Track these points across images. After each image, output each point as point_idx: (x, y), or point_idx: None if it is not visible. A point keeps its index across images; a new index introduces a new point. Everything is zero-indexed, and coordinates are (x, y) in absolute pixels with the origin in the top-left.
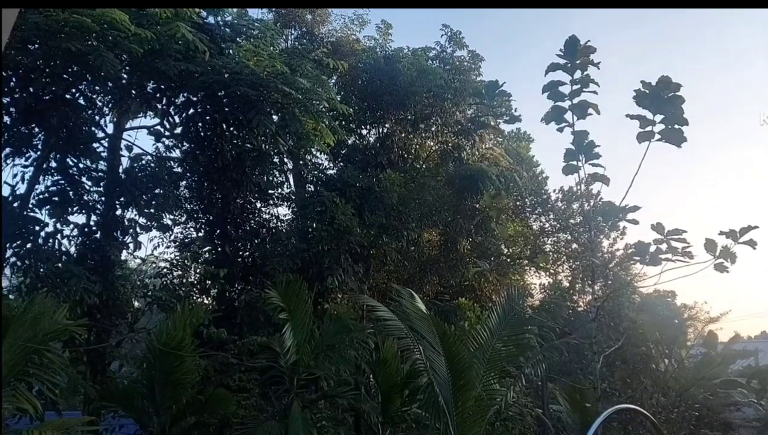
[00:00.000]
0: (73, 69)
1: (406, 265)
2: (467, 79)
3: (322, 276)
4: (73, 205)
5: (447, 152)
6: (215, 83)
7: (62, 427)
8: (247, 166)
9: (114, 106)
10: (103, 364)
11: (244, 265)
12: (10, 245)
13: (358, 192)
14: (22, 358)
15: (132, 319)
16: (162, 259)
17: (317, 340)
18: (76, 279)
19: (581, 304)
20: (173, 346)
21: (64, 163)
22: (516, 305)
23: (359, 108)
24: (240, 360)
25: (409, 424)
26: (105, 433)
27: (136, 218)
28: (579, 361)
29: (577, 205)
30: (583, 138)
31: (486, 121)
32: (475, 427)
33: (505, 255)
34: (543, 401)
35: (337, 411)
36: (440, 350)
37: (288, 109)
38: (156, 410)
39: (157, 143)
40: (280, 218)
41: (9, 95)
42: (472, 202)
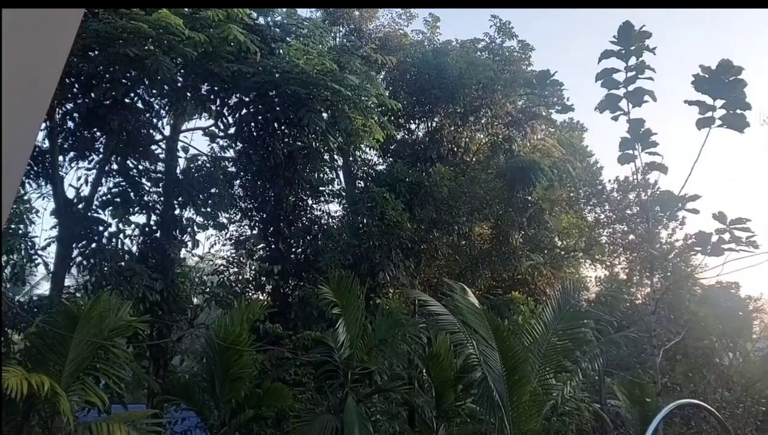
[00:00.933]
0: (132, 73)
1: (458, 259)
2: (517, 69)
3: (373, 271)
4: (134, 206)
5: (497, 144)
6: (266, 83)
7: (128, 419)
8: (299, 163)
9: (170, 109)
10: (165, 358)
11: (297, 261)
12: (76, 245)
13: (408, 187)
14: (89, 353)
15: (191, 315)
16: (218, 256)
17: (370, 335)
18: (138, 277)
19: (639, 296)
20: (231, 341)
21: (124, 166)
22: (571, 299)
23: (408, 102)
24: (295, 354)
25: (464, 418)
26: (168, 425)
27: (194, 217)
28: (638, 356)
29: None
30: (639, 126)
31: (537, 111)
32: (531, 421)
33: (558, 248)
34: (601, 396)
35: (391, 405)
36: (494, 345)
37: (337, 106)
38: (216, 403)
39: (211, 144)
40: (331, 215)
41: (72, 101)
42: (524, 195)
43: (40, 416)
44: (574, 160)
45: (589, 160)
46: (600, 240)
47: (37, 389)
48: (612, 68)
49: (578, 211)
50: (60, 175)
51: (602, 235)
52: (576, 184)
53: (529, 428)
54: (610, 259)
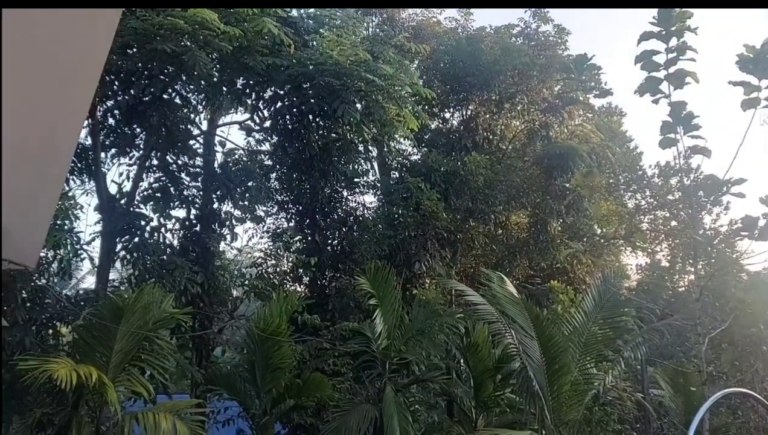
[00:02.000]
0: (169, 69)
1: (494, 248)
2: (553, 54)
3: (409, 262)
4: (174, 200)
5: (534, 131)
6: (301, 75)
7: (173, 409)
8: (334, 155)
9: (207, 104)
10: (207, 349)
11: (333, 253)
12: (119, 240)
13: (443, 176)
14: (135, 344)
15: (231, 307)
16: (256, 249)
17: (407, 326)
18: (179, 270)
19: (683, 284)
20: (271, 332)
21: (164, 161)
22: (612, 287)
23: (442, 91)
24: (333, 345)
25: (503, 408)
26: (211, 414)
27: (232, 211)
28: (682, 344)
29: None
30: (681, 109)
31: (575, 96)
32: (572, 411)
33: (598, 235)
34: (643, 385)
35: (430, 395)
36: (533, 334)
37: (371, 96)
38: (257, 393)
39: (248, 137)
40: (367, 206)
41: (112, 98)
42: (562, 182)
43: (89, 406)
44: (613, 146)
45: (629, 145)
46: (641, 227)
47: (86, 380)
48: (652, 50)
49: (618, 197)
50: (102, 172)
51: (643, 221)
52: (615, 170)
53: (570, 418)
54: (652, 247)
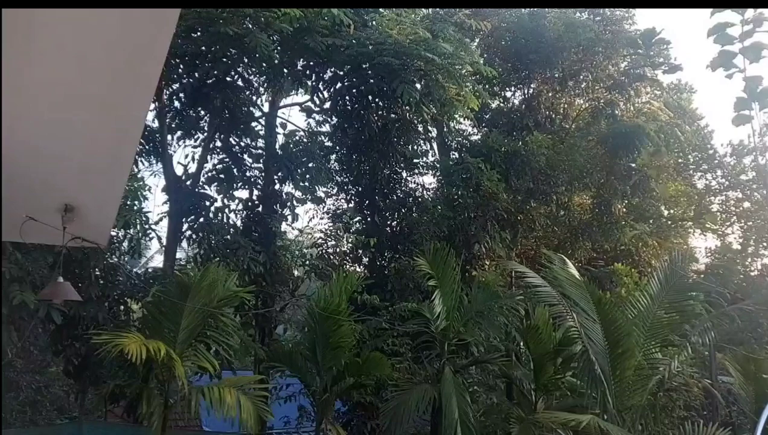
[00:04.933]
0: (232, 52)
1: (556, 230)
2: (620, 29)
3: (468, 243)
4: (237, 181)
5: (599, 109)
6: (360, 55)
7: (237, 384)
8: (393, 136)
9: (268, 86)
10: (270, 327)
11: (392, 234)
12: (185, 220)
13: (504, 157)
14: (200, 321)
15: (293, 286)
16: (317, 229)
17: (466, 307)
18: (243, 250)
19: (755, 268)
20: (331, 312)
21: (227, 143)
22: (679, 270)
23: (503, 69)
24: (392, 325)
25: (564, 392)
26: (273, 390)
27: (293, 192)
28: (753, 330)
29: (749, 160)
30: (757, 84)
31: (642, 73)
32: (636, 396)
33: (665, 217)
34: (711, 372)
35: (488, 377)
36: (595, 317)
37: (431, 75)
38: (318, 371)
39: (308, 119)
40: (426, 187)
41: (177, 81)
42: (628, 162)
43: (158, 379)
44: (682, 124)
45: (699, 123)
46: (711, 208)
47: (155, 354)
48: (726, 22)
49: (687, 177)
50: (169, 154)
51: (713, 202)
52: (684, 150)
53: (633, 403)
54: (723, 229)
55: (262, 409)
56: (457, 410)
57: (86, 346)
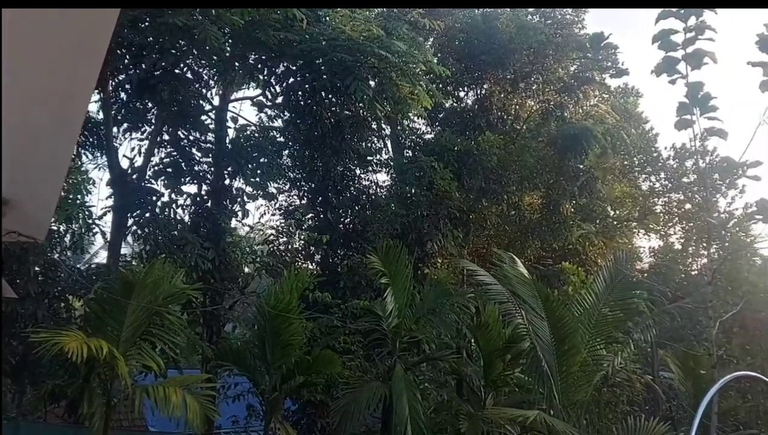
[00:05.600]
0: (180, 43)
1: (507, 229)
2: (570, 33)
3: (421, 241)
4: (186, 176)
5: (549, 111)
6: (313, 51)
7: (184, 383)
8: (346, 133)
9: (219, 79)
10: (218, 325)
11: (345, 231)
12: (131, 215)
13: (457, 156)
14: (145, 319)
15: (243, 284)
16: (268, 226)
17: (418, 305)
18: (190, 246)
19: (695, 267)
20: (281, 309)
21: (175, 136)
22: (623, 269)
23: (456, 69)
24: (344, 323)
25: (512, 388)
26: (221, 389)
27: (243, 187)
28: (693, 327)
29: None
30: (698, 90)
31: (590, 76)
32: (581, 392)
33: (611, 217)
34: (653, 368)
35: (439, 374)
36: (543, 315)
37: (385, 73)
38: (267, 369)
39: (260, 113)
40: (379, 184)
41: (123, 72)
42: (576, 163)
43: (100, 379)
44: (628, 127)
45: (645, 126)
46: (654, 209)
47: (96, 353)
48: (670, 29)
49: (632, 179)
50: (114, 146)
51: (657, 204)
52: (630, 152)
53: (578, 398)
54: (665, 229)
55: (208, 409)
56: (407, 407)
57: (24, 344)
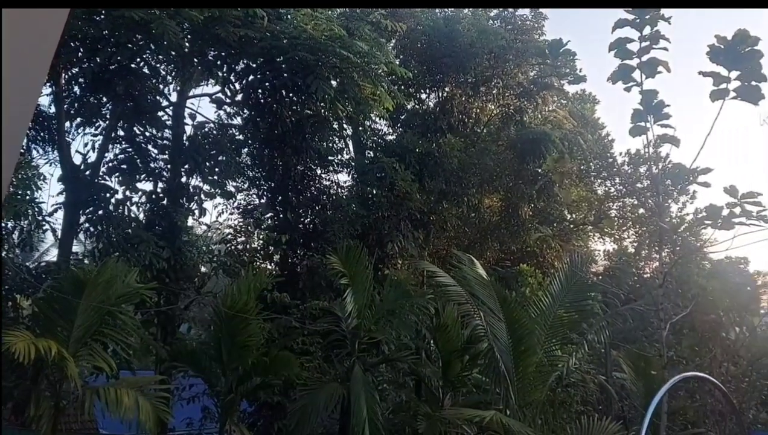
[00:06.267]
0: (137, 38)
1: (467, 231)
2: (529, 39)
3: (382, 242)
4: (141, 173)
5: (508, 115)
6: (274, 49)
7: (136, 384)
8: (307, 132)
9: (177, 75)
10: (173, 326)
11: (305, 231)
12: (83, 212)
13: (418, 157)
14: (97, 319)
15: (199, 284)
16: (226, 225)
17: (378, 305)
18: (145, 244)
19: (647, 270)
20: (238, 310)
21: (131, 132)
22: (579, 271)
23: (418, 71)
24: (303, 324)
25: (470, 388)
26: (176, 391)
27: (201, 185)
28: (644, 329)
29: (644, 169)
30: (652, 97)
31: (549, 82)
32: (536, 392)
33: (568, 221)
34: (606, 368)
35: (398, 375)
36: (501, 316)
37: (346, 73)
38: (223, 371)
39: (218, 111)
40: (340, 185)
41: (77, 65)
42: (535, 167)
43: (49, 380)
44: (585, 133)
45: (601, 132)
46: (609, 213)
47: (45, 354)
48: (626, 38)
49: (588, 184)
50: (66, 141)
51: (612, 208)
52: (587, 157)
53: (534, 398)
54: (619, 233)
55: (162, 410)
56: (365, 408)
57: None
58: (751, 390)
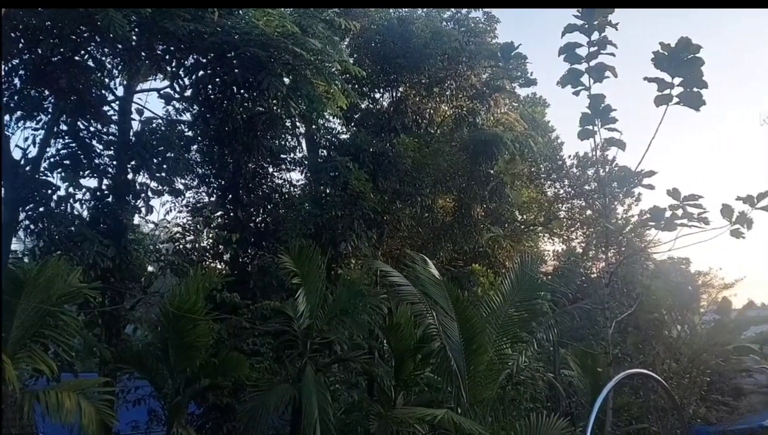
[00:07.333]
0: (81, 30)
1: (420, 231)
2: (482, 41)
3: (335, 242)
4: (85, 169)
5: (461, 117)
6: (225, 44)
7: (78, 387)
8: (259, 129)
9: (124, 69)
10: (118, 327)
11: (256, 230)
12: (23, 209)
13: (372, 157)
14: (37, 320)
15: (146, 283)
16: (174, 223)
17: (330, 305)
18: (89, 242)
19: (594, 270)
20: (186, 310)
21: (74, 127)
22: (529, 271)
23: (372, 71)
24: (253, 324)
25: (422, 387)
26: (121, 394)
27: (148, 182)
28: (591, 327)
29: (592, 171)
30: (600, 102)
31: (501, 84)
32: (487, 390)
33: (519, 221)
34: (555, 366)
35: (351, 375)
36: (453, 315)
37: (299, 70)
38: (170, 372)
39: (167, 106)
40: (293, 183)
41: (17, 57)
42: (487, 168)
43: None
44: (535, 135)
45: (551, 135)
46: (559, 214)
47: None
48: (575, 42)
49: (539, 185)
50: (6, 135)
51: (561, 209)
52: (537, 159)
53: (485, 396)
54: (568, 234)
55: (106, 414)
56: (317, 409)
57: None
58: (691, 386)
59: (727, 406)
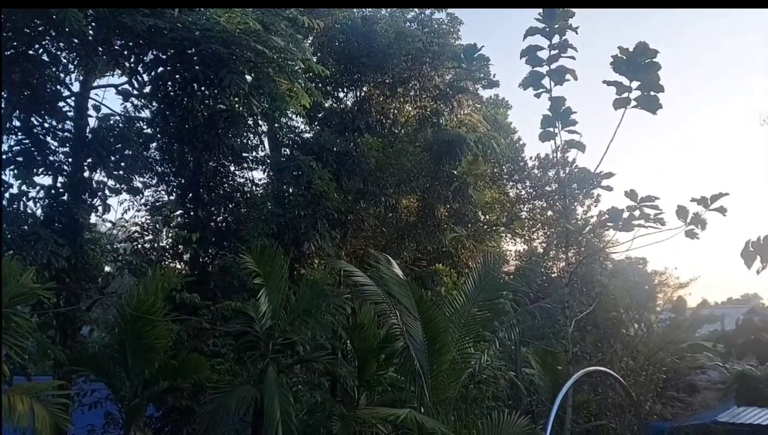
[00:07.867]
0: (36, 23)
1: (384, 231)
2: (446, 42)
3: (298, 241)
4: (39, 166)
5: (425, 117)
6: (185, 40)
7: (31, 391)
8: (220, 127)
9: (80, 64)
10: (74, 328)
11: (217, 229)
12: None
13: (335, 156)
14: None
15: (102, 284)
16: (133, 223)
17: (293, 306)
18: (43, 242)
19: (555, 270)
20: (144, 311)
21: (28, 123)
22: (491, 271)
23: (336, 70)
24: (214, 325)
25: (385, 387)
26: (76, 397)
27: (105, 180)
28: (552, 326)
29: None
30: (560, 104)
31: (464, 85)
32: (450, 389)
33: (481, 221)
34: (516, 364)
35: (314, 375)
36: (416, 315)
37: (261, 68)
38: (128, 375)
39: (125, 103)
40: (255, 182)
41: None
42: (450, 169)
43: None
44: (498, 136)
45: (513, 136)
46: (520, 215)
47: None
48: (536, 45)
49: (501, 186)
50: None
51: (523, 210)
52: (500, 160)
53: (448, 395)
54: (529, 234)
55: (60, 418)
56: (279, 410)
57: None
58: (648, 383)
59: (682, 403)
